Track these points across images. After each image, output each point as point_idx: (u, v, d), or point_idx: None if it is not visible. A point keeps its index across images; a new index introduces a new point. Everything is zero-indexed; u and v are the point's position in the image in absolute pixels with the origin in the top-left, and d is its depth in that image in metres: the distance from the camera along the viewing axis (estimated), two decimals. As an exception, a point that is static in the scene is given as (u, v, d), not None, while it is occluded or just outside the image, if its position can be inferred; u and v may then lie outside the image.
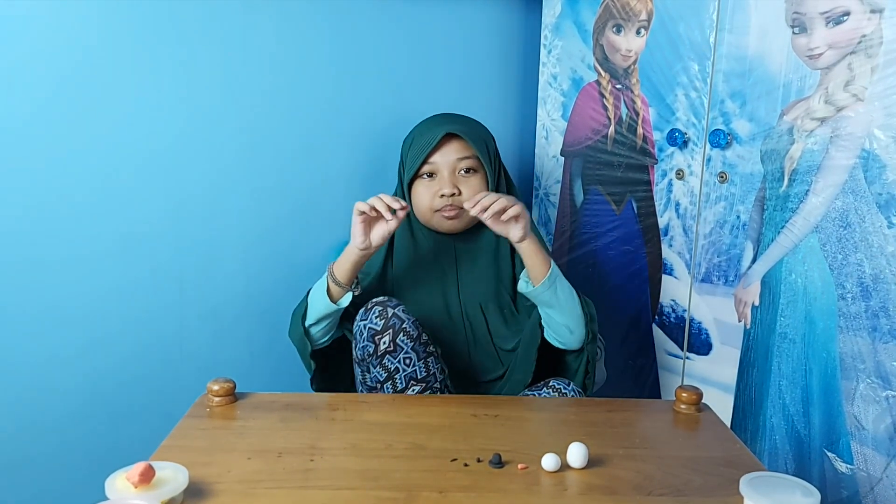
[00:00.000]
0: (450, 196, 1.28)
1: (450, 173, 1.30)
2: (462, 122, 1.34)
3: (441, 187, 1.29)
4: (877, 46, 1.21)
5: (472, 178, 1.31)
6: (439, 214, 1.30)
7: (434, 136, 1.29)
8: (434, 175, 1.31)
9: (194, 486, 0.81)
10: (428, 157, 1.29)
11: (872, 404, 1.27)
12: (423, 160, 1.29)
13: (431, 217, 1.31)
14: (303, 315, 1.25)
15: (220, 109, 1.62)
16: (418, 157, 1.30)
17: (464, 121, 1.35)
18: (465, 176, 1.31)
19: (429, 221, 1.33)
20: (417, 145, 1.31)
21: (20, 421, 1.54)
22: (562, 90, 1.80)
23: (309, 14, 1.67)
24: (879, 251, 1.24)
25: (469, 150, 1.30)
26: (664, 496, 0.84)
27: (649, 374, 1.68)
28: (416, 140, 1.33)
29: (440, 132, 1.29)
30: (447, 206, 1.28)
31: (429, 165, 1.30)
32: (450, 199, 1.28)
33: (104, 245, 1.56)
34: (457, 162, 1.30)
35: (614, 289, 1.73)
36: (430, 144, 1.29)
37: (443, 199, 1.29)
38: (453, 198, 1.28)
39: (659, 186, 1.61)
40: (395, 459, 0.90)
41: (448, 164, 1.30)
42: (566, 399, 1.14)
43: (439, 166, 1.30)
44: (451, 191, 1.28)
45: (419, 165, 1.30)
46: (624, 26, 1.63)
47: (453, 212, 1.29)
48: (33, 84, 1.46)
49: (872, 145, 1.23)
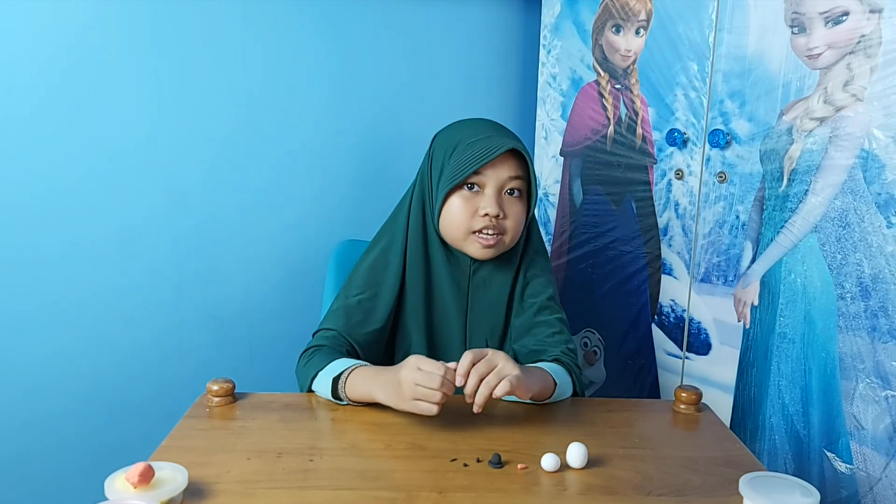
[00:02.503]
0: (494, 217, 1.11)
1: (496, 192, 1.12)
2: (516, 138, 1.15)
3: (485, 205, 1.11)
4: (876, 46, 1.21)
5: (517, 203, 1.14)
6: (475, 238, 1.13)
7: (493, 148, 1.10)
8: (477, 189, 1.13)
9: (194, 487, 0.81)
10: (480, 168, 1.11)
11: (872, 404, 1.27)
12: (473, 171, 1.10)
13: (465, 238, 1.14)
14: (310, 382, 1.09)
15: (221, 109, 1.63)
16: (468, 166, 1.10)
17: (515, 136, 1.16)
18: (511, 198, 1.14)
19: (457, 241, 1.15)
20: (469, 153, 1.11)
21: (19, 421, 1.54)
22: (561, 90, 1.80)
23: (308, 14, 1.67)
24: (879, 251, 1.24)
25: (522, 169, 1.13)
26: (663, 496, 0.84)
27: (649, 374, 1.68)
28: (466, 147, 1.12)
29: (502, 144, 1.10)
30: (488, 228, 1.12)
31: (476, 177, 1.12)
32: (493, 221, 1.11)
33: (104, 244, 1.56)
34: (507, 181, 1.12)
35: (613, 289, 1.73)
36: (487, 156, 1.09)
37: (485, 218, 1.11)
38: (497, 220, 1.12)
39: (658, 186, 1.61)
40: (395, 460, 0.90)
41: (499, 180, 1.12)
42: (566, 399, 1.13)
43: (487, 180, 1.12)
44: (497, 211, 1.11)
45: (467, 175, 1.11)
46: (623, 26, 1.63)
47: (493, 240, 1.12)
48: (32, 84, 1.46)
49: (871, 145, 1.23)
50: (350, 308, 1.16)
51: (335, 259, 1.41)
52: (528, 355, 1.15)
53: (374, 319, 1.17)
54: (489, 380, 0.93)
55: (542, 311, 1.19)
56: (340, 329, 1.14)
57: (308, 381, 1.08)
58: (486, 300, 1.20)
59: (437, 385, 0.92)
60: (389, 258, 1.20)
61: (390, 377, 0.97)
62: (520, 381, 0.95)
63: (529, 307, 1.20)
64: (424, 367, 0.94)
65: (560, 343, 1.15)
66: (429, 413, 0.93)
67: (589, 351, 1.83)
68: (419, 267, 1.19)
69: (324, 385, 1.05)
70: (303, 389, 1.10)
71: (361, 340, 1.15)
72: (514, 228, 1.15)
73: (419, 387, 0.93)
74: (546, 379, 1.05)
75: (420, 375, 0.93)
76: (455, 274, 1.19)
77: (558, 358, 1.12)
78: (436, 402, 0.93)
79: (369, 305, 1.17)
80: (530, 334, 1.18)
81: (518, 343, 1.19)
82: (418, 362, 0.94)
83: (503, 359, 0.95)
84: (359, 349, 1.14)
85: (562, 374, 1.09)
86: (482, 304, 1.20)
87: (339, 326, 1.14)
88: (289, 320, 1.75)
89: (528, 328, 1.19)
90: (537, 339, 1.16)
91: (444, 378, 0.92)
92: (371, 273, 1.19)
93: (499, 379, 0.93)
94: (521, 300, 1.21)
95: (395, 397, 0.96)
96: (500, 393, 0.93)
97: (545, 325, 1.18)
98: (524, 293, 1.21)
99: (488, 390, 0.93)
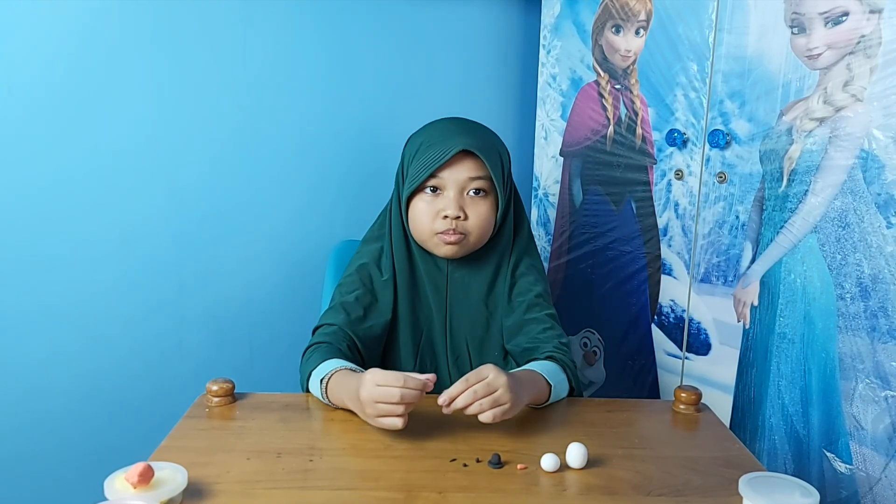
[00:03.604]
0: (454, 219, 1.12)
1: (457, 193, 1.13)
2: (477, 136, 1.15)
3: (445, 207, 1.12)
4: (876, 47, 1.21)
5: (481, 203, 1.15)
6: (438, 237, 1.14)
7: (447, 150, 1.11)
8: (438, 191, 1.14)
9: (193, 487, 0.81)
10: (436, 171, 1.12)
11: (871, 404, 1.27)
12: (429, 174, 1.12)
13: (429, 238, 1.15)
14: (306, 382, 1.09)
15: (220, 109, 1.63)
16: (424, 169, 1.12)
17: (479, 133, 1.16)
18: (474, 198, 1.14)
19: (425, 242, 1.17)
20: (425, 156, 1.13)
21: (19, 420, 1.54)
22: (561, 90, 1.80)
23: (308, 14, 1.67)
24: (878, 251, 1.24)
25: (483, 169, 1.13)
26: (663, 496, 0.84)
27: (648, 375, 1.68)
28: (424, 149, 1.14)
29: (454, 146, 1.11)
30: (449, 229, 1.13)
31: (435, 180, 1.13)
32: (453, 223, 1.13)
33: (103, 245, 1.56)
34: (468, 181, 1.13)
35: (613, 289, 1.73)
36: (440, 159, 1.11)
37: (445, 220, 1.13)
38: (457, 221, 1.13)
39: (658, 186, 1.61)
40: (395, 460, 0.90)
41: (457, 182, 1.13)
42: (565, 399, 1.13)
43: (446, 183, 1.13)
44: (457, 213, 1.12)
45: (424, 179, 1.13)
46: (623, 26, 1.63)
47: (455, 237, 1.13)
48: (32, 84, 1.46)
49: (871, 145, 1.23)
50: (348, 304, 1.17)
51: (334, 259, 1.42)
52: (521, 354, 1.15)
53: (372, 315, 1.18)
54: (483, 402, 0.92)
55: (531, 309, 1.19)
56: (341, 324, 1.14)
57: (305, 381, 1.08)
58: (465, 301, 1.20)
59: (396, 400, 0.90)
60: (380, 259, 1.21)
61: (354, 392, 0.95)
62: (508, 413, 0.94)
63: (518, 306, 1.20)
64: (382, 382, 0.91)
65: (552, 338, 1.15)
66: (394, 428, 0.92)
67: (589, 351, 1.83)
68: (404, 268, 1.20)
69: (315, 386, 1.05)
70: (303, 388, 1.10)
71: (362, 335, 1.15)
72: (478, 228, 1.15)
73: (380, 404, 0.91)
74: (539, 389, 1.04)
75: (379, 392, 0.91)
76: (434, 274, 1.20)
77: (552, 355, 1.12)
78: (399, 414, 0.91)
79: (367, 301, 1.18)
80: (522, 333, 1.18)
81: (511, 343, 1.18)
82: (374, 378, 0.92)
83: (503, 385, 0.93)
84: (360, 343, 1.14)
85: (556, 373, 1.09)
86: (461, 304, 1.20)
87: (339, 321, 1.14)
88: (288, 320, 1.75)
89: (519, 327, 1.18)
90: (529, 336, 1.16)
91: (402, 391, 0.90)
92: (364, 272, 1.20)
93: (492, 405, 0.92)
94: (509, 300, 1.21)
95: (360, 413, 0.96)
96: (485, 420, 0.92)
97: (535, 321, 1.17)
98: (512, 292, 1.21)
99: (480, 409, 0.91)
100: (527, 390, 1.00)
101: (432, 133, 1.16)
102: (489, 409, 0.92)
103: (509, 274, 1.21)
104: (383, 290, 1.20)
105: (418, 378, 0.92)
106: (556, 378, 1.08)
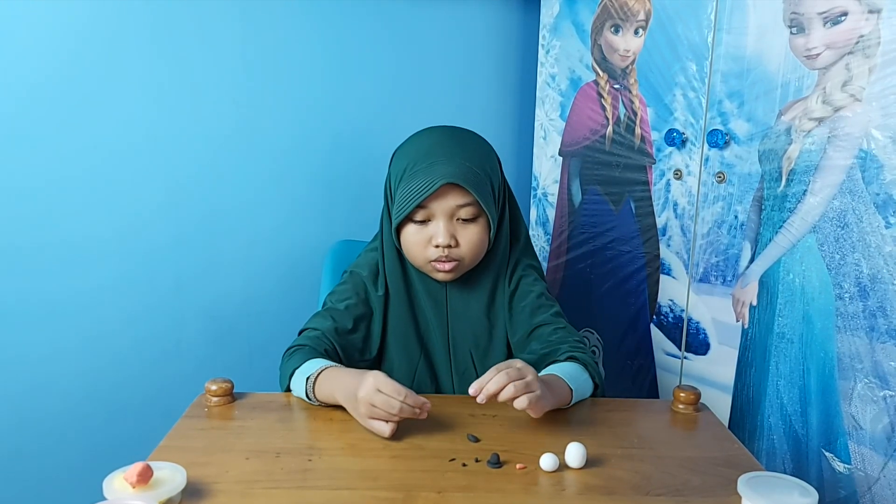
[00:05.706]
0: (445, 247, 1.11)
1: (446, 221, 1.11)
2: (463, 160, 1.11)
3: (435, 236, 1.11)
4: (874, 47, 1.21)
5: (472, 227, 1.12)
6: (432, 265, 1.13)
7: (431, 183, 1.08)
8: (427, 221, 1.12)
9: (192, 487, 0.81)
10: (423, 202, 1.09)
11: (870, 404, 1.27)
12: (416, 205, 1.09)
13: (423, 265, 1.15)
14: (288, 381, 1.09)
15: (220, 109, 1.63)
16: (410, 201, 1.09)
17: (465, 154, 1.12)
18: (465, 223, 1.12)
19: (421, 268, 1.16)
20: (410, 186, 1.10)
21: (17, 420, 1.54)
22: (560, 90, 1.80)
23: (307, 14, 1.67)
24: (877, 251, 1.24)
25: (470, 196, 1.10)
26: (662, 496, 0.84)
27: (647, 374, 1.68)
28: (409, 177, 1.11)
29: (438, 179, 1.08)
30: (441, 257, 1.11)
31: (423, 211, 1.11)
32: (445, 251, 1.11)
33: (102, 243, 1.56)
34: (456, 209, 1.11)
35: (612, 289, 1.73)
36: (425, 191, 1.08)
37: (437, 249, 1.11)
38: (449, 249, 1.11)
39: (657, 186, 1.61)
40: (394, 459, 0.90)
41: (445, 211, 1.10)
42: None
43: (434, 212, 1.11)
44: (447, 242, 1.10)
45: (411, 211, 1.10)
46: (622, 26, 1.63)
47: (449, 265, 1.12)
48: (32, 83, 1.46)
49: (870, 145, 1.23)
50: (336, 312, 1.16)
51: (331, 259, 1.42)
52: (539, 360, 1.13)
53: (361, 327, 1.17)
54: (518, 384, 0.90)
55: (536, 312, 1.18)
56: (326, 330, 1.14)
57: (287, 379, 1.08)
58: (465, 314, 1.20)
59: (395, 412, 0.91)
60: (377, 271, 1.20)
61: (351, 387, 0.96)
62: (539, 402, 0.93)
63: (521, 311, 1.19)
64: (385, 391, 0.91)
65: (566, 338, 1.14)
66: (382, 434, 0.93)
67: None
68: (399, 286, 1.19)
69: (299, 384, 1.05)
70: (282, 387, 1.10)
71: (345, 344, 1.15)
72: (471, 253, 1.14)
73: (376, 409, 0.91)
74: (562, 394, 1.02)
75: (379, 398, 0.91)
76: (431, 289, 1.19)
77: (573, 354, 1.10)
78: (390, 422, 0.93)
79: (357, 312, 1.17)
80: (534, 338, 1.17)
81: (526, 351, 1.17)
82: (378, 382, 0.91)
83: (532, 373, 0.93)
84: (341, 352, 1.14)
85: (578, 374, 1.07)
86: (462, 318, 1.20)
87: (324, 328, 1.14)
88: (287, 320, 1.75)
89: (529, 333, 1.18)
90: (542, 341, 1.15)
91: (402, 405, 0.91)
92: (359, 282, 1.20)
93: (525, 389, 0.91)
94: (510, 309, 1.20)
95: (351, 409, 0.97)
96: (520, 406, 0.90)
97: (545, 324, 1.17)
98: (512, 301, 1.20)
99: (514, 391, 0.90)
100: (552, 392, 0.99)
101: (417, 156, 1.12)
102: (523, 392, 0.90)
103: (508, 281, 1.21)
104: (377, 305, 1.19)
105: (417, 399, 0.92)
106: (579, 380, 1.06)
